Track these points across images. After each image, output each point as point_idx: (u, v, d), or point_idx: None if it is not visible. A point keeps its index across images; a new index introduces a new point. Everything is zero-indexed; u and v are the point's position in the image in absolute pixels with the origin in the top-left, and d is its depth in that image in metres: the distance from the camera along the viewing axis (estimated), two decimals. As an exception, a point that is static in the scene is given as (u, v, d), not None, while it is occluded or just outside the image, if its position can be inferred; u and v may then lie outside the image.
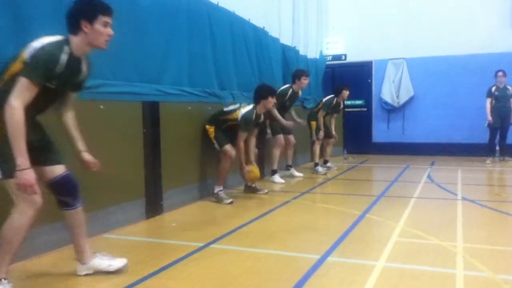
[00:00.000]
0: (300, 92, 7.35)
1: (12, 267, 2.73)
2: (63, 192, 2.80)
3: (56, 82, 2.57)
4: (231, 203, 5.22)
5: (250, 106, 5.49)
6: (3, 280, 2.61)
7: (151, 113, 4.62)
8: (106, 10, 2.64)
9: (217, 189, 5.35)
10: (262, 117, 5.78)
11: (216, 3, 6.02)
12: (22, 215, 2.54)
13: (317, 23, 10.76)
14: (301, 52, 9.73)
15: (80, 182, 2.89)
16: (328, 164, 8.42)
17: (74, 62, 2.65)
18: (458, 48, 10.19)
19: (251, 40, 7.06)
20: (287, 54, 8.73)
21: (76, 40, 2.62)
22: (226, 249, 3.55)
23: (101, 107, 3.94)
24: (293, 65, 8.73)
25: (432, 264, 3.13)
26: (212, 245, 3.62)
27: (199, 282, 2.87)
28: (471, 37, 10.07)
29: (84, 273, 2.96)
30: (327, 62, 11.24)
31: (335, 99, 8.16)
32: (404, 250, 3.50)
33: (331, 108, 8.16)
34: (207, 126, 5.40)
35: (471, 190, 6.06)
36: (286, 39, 8.87)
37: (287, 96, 7.01)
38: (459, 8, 10.21)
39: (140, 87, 4.46)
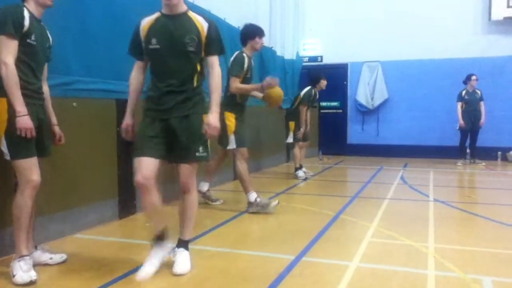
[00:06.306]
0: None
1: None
2: None
3: (35, 38, 2.73)
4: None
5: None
6: (25, 257, 2.79)
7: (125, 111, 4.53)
8: None
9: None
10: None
11: (192, 1, 5.97)
12: (22, 194, 2.76)
13: (294, 24, 10.80)
14: (278, 53, 9.75)
15: (51, 181, 2.82)
16: (303, 169, 7.79)
17: (38, 24, 2.80)
18: (432, 53, 10.42)
19: (227, 39, 7.02)
20: (264, 54, 8.71)
21: (30, 2, 2.77)
22: (200, 249, 3.52)
23: (74, 104, 3.85)
24: (269, 65, 8.73)
25: (404, 264, 3.18)
26: (186, 246, 3.57)
27: (172, 282, 2.84)
28: (445, 43, 10.32)
29: None
30: (304, 63, 11.31)
31: (313, 89, 7.69)
32: (377, 250, 3.54)
33: (311, 101, 7.68)
34: None
35: (443, 192, 6.18)
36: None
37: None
38: (434, 14, 10.43)
39: (115, 84, 4.36)
